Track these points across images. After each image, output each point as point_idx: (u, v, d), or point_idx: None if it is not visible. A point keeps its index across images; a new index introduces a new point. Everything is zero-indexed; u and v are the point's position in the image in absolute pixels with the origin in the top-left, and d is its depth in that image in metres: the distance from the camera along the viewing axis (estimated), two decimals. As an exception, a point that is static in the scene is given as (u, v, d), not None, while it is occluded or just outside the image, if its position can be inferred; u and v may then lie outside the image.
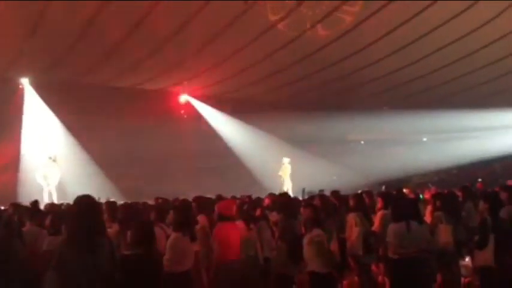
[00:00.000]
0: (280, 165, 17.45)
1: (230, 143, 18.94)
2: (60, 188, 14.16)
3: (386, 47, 13.92)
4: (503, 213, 5.88)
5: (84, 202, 3.95)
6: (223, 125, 19.24)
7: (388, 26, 12.68)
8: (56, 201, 11.59)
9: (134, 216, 5.59)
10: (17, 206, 7.43)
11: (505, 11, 11.92)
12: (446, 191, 8.20)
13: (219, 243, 5.54)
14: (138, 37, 12.07)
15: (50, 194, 13.84)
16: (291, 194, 11.82)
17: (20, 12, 10.52)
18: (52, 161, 14.19)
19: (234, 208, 6.06)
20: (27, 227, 5.91)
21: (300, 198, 10.03)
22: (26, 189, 13.79)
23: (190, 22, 11.71)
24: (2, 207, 8.31)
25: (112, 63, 13.96)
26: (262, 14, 11.63)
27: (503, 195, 6.43)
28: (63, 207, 8.71)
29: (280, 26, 12.25)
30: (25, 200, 8.91)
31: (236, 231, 5.74)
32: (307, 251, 5.17)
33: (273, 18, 11.83)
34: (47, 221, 5.77)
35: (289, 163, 17.39)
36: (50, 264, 3.74)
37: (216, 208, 6.09)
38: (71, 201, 4.41)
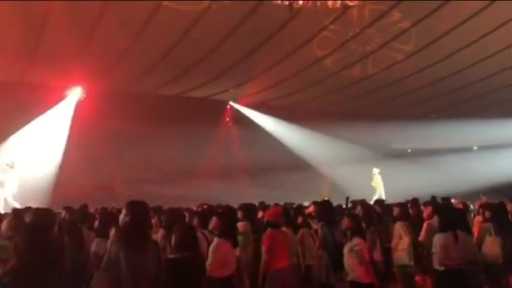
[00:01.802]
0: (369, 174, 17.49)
1: (281, 149, 18.92)
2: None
3: (435, 54, 13.66)
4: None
5: (137, 206, 4.14)
6: (272, 130, 19.30)
7: (436, 33, 12.45)
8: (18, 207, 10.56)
9: (178, 221, 5.73)
10: (69, 210, 7.75)
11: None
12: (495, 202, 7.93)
13: (268, 250, 5.64)
14: (184, 46, 12.35)
15: (5, 201, 13.40)
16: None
17: (72, 24, 11.01)
18: (10, 168, 13.87)
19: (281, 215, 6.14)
20: (78, 229, 6.16)
21: (344, 207, 9.94)
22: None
23: (235, 30, 11.90)
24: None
25: (158, 72, 14.30)
26: (305, 23, 11.67)
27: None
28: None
29: (324, 34, 12.26)
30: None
31: (285, 238, 5.82)
32: (347, 259, 5.15)
33: (317, 28, 11.89)
34: (96, 224, 6.01)
35: (379, 173, 17.25)
36: (100, 265, 3.91)
37: (266, 215, 6.21)
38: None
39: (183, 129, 16.50)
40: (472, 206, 11.10)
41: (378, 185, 17.20)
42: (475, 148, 21.76)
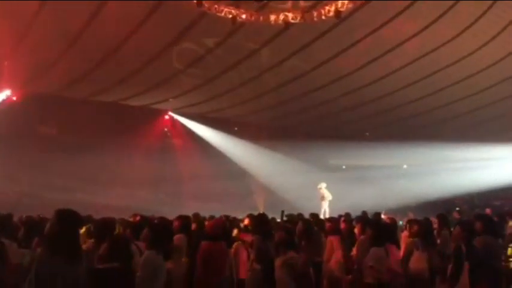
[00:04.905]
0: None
1: (220, 161, 18.82)
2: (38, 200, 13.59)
3: (370, 76, 14.19)
4: (476, 242, 5.94)
5: (67, 214, 3.95)
6: (211, 142, 19.19)
7: (371, 54, 12.93)
8: None
9: (109, 231, 5.54)
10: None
11: (488, 43, 12.23)
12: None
13: (203, 263, 5.55)
14: (123, 52, 12.07)
15: None
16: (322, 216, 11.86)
17: (5, 24, 10.48)
18: None
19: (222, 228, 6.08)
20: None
21: (278, 220, 10.01)
22: None
23: (177, 40, 11.80)
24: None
25: (94, 78, 13.86)
26: (247, 37, 11.76)
27: (477, 225, 6.49)
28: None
29: (263, 51, 12.43)
30: None
31: (221, 251, 5.75)
32: (279, 274, 5.15)
33: (256, 43, 12.02)
34: (20, 234, 5.67)
35: (326, 188, 17.59)
36: (26, 277, 3.68)
37: (206, 226, 6.11)
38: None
39: (120, 137, 16.08)
40: (401, 222, 11.51)
41: (326, 199, 17.62)
42: (405, 166, 22.78)
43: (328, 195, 17.31)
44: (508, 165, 19.70)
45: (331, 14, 8.78)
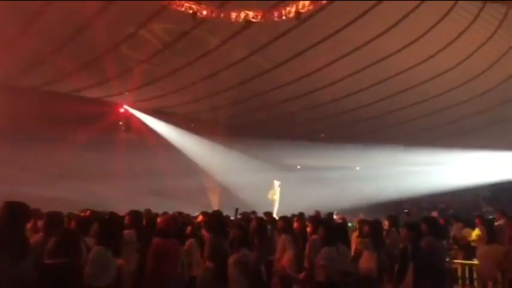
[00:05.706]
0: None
1: (174, 157, 18.61)
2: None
3: (327, 78, 14.41)
4: (422, 243, 6.15)
5: (17, 207, 3.81)
6: (167, 137, 18.98)
7: (330, 57, 13.13)
8: None
9: (58, 225, 5.38)
10: None
11: (441, 52, 12.67)
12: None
13: (154, 260, 5.48)
14: (78, 43, 11.70)
15: None
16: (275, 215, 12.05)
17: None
18: None
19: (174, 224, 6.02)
20: None
21: (232, 218, 10.01)
22: None
23: (135, 32, 11.57)
24: None
25: (46, 67, 13.38)
26: (205, 36, 11.68)
27: (423, 227, 6.72)
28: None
29: (223, 48, 12.38)
30: None
31: (173, 248, 5.69)
32: (232, 271, 5.16)
33: (215, 41, 11.96)
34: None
35: (279, 186, 17.81)
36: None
37: (158, 223, 6.04)
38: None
39: (72, 129, 15.58)
40: (350, 224, 11.75)
41: (276, 197, 17.92)
42: (358, 168, 23.30)
43: (275, 193, 17.70)
44: (453, 170, 20.53)
45: (292, 14, 8.87)
